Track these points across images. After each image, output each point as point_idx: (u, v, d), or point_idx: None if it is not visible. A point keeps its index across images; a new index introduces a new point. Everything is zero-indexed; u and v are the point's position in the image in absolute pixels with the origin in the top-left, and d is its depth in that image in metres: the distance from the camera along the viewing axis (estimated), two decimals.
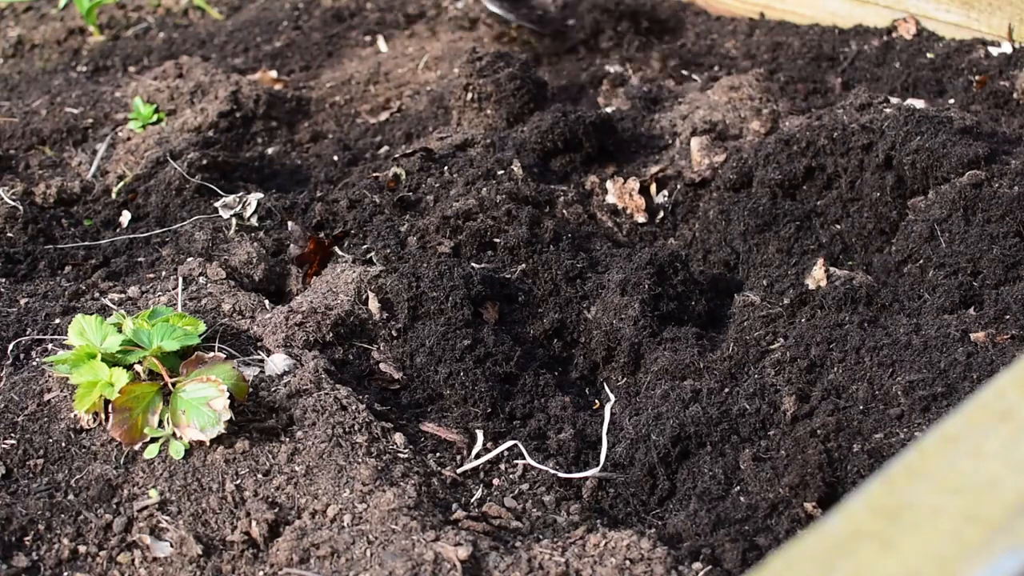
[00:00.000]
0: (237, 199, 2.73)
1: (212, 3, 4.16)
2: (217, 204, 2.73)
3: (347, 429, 1.98)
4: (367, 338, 2.31)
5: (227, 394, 1.91)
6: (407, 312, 2.31)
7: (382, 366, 2.25)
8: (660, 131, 3.06)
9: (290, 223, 2.67)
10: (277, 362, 2.14)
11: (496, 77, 3.15)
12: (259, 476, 1.90)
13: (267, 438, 1.96)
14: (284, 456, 1.93)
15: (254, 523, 1.83)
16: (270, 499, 1.87)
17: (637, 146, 3.04)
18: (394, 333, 2.32)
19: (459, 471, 2.01)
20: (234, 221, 2.68)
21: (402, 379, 2.23)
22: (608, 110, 3.16)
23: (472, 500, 1.94)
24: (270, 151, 3.23)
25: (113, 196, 2.88)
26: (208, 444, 1.92)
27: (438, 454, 2.05)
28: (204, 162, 2.90)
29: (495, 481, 2.00)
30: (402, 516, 1.79)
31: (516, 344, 2.28)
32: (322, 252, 2.58)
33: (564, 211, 2.74)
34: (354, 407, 2.03)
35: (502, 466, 2.04)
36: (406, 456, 1.98)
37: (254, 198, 2.73)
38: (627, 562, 1.72)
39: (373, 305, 2.35)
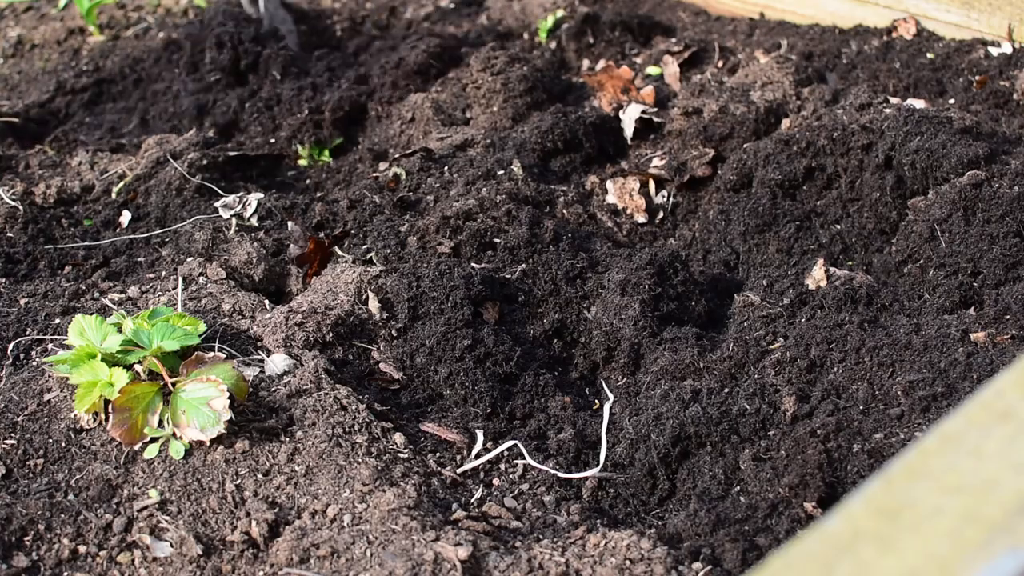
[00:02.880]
0: (237, 199, 2.73)
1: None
2: (217, 204, 2.73)
3: (347, 429, 1.98)
4: (367, 338, 2.31)
5: (227, 394, 1.91)
6: (407, 312, 2.31)
7: (382, 366, 2.25)
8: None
9: (290, 223, 2.67)
10: (277, 362, 2.14)
11: (506, 76, 3.15)
12: (259, 476, 1.90)
13: (267, 438, 1.96)
14: (284, 456, 1.93)
15: (254, 523, 1.82)
16: (270, 499, 1.87)
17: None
18: (394, 333, 2.32)
19: (459, 471, 2.01)
20: (234, 221, 2.68)
21: (402, 379, 2.23)
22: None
23: (472, 500, 1.94)
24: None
25: (113, 196, 2.88)
26: (208, 444, 1.92)
27: (438, 454, 2.05)
28: (204, 162, 2.89)
29: (495, 481, 2.00)
30: (402, 516, 1.79)
31: (516, 344, 2.28)
32: (322, 252, 2.58)
33: (564, 211, 2.74)
34: (354, 407, 2.02)
35: (502, 466, 2.04)
36: (406, 456, 1.97)
37: (254, 198, 2.73)
38: (627, 562, 1.72)
39: (373, 305, 2.35)
